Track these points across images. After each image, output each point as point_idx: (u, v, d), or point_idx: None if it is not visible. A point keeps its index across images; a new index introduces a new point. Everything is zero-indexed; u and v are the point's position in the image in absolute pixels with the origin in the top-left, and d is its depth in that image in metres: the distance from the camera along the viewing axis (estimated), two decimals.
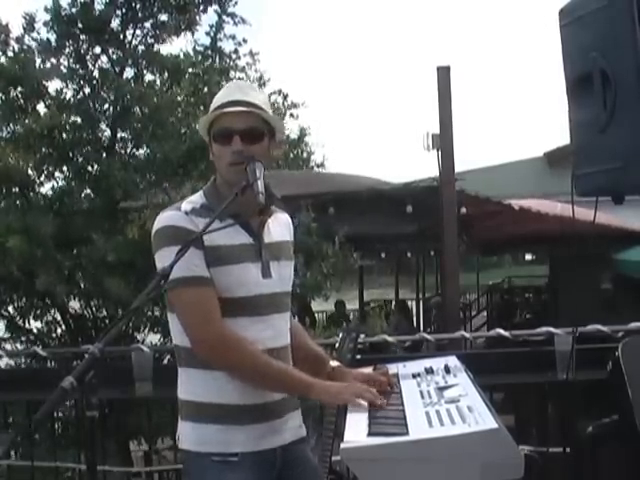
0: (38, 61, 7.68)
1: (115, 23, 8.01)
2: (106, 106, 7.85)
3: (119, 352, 3.74)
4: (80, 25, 7.71)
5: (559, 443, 3.40)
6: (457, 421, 1.61)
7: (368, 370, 2.12)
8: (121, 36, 8.03)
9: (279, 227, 2.07)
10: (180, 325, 1.92)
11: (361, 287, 14.47)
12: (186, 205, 1.94)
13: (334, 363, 2.12)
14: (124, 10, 8.01)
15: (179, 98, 7.95)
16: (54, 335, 8.05)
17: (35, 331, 8.00)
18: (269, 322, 1.96)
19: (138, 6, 8.05)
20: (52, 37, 7.77)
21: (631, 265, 9.80)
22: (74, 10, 7.69)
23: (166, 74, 8.10)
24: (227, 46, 8.81)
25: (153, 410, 5.12)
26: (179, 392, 2.00)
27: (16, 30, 7.79)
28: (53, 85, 7.79)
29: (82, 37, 7.83)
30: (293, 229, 2.16)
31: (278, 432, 1.97)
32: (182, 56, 8.26)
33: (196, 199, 1.97)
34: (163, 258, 1.82)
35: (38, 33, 7.81)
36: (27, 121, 7.09)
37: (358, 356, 2.38)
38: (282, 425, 1.99)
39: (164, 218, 1.92)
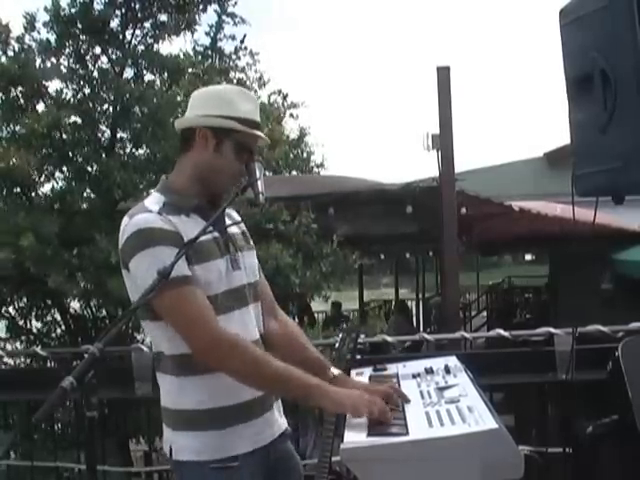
0: (38, 61, 7.69)
1: (115, 23, 8.02)
2: (106, 106, 7.85)
3: (119, 352, 3.74)
4: (80, 25, 7.71)
5: (559, 443, 3.39)
6: (457, 421, 1.61)
7: (368, 370, 2.13)
8: (121, 36, 8.03)
9: (229, 219, 2.04)
10: (168, 332, 1.83)
11: (361, 287, 14.46)
12: (153, 206, 1.87)
13: (335, 371, 2.04)
14: (124, 10, 8.01)
15: (179, 98, 7.94)
16: (54, 335, 8.06)
17: (35, 331, 8.00)
18: (248, 314, 1.95)
19: (138, 6, 8.05)
20: (52, 37, 7.78)
21: (631, 265, 9.78)
22: (73, 10, 7.69)
23: (166, 74, 8.09)
24: (227, 46, 8.81)
25: (153, 410, 5.11)
26: (168, 402, 1.91)
27: (16, 30, 7.80)
28: (53, 85, 7.81)
29: (82, 37, 7.83)
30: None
31: (270, 425, 1.97)
32: (182, 56, 8.26)
33: (157, 199, 1.91)
34: (147, 260, 1.77)
35: (39, 33, 7.81)
36: (27, 121, 7.08)
37: (358, 356, 2.38)
38: (272, 417, 1.98)
39: (140, 220, 1.83)
